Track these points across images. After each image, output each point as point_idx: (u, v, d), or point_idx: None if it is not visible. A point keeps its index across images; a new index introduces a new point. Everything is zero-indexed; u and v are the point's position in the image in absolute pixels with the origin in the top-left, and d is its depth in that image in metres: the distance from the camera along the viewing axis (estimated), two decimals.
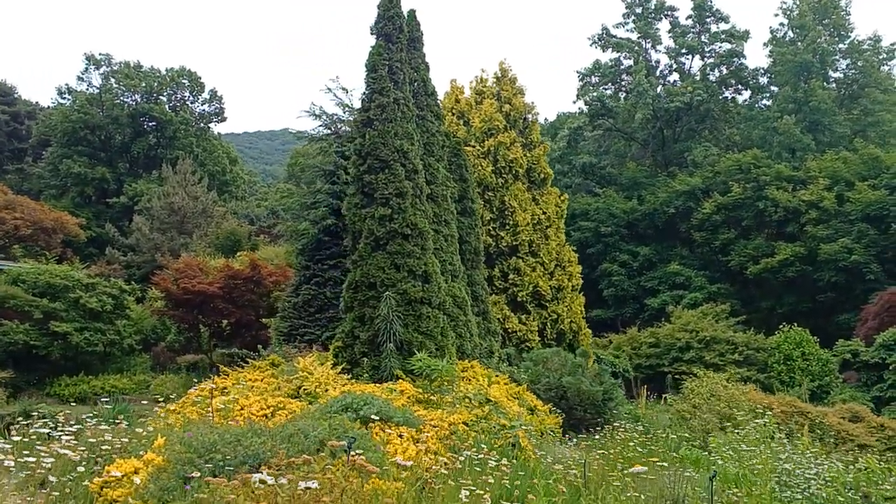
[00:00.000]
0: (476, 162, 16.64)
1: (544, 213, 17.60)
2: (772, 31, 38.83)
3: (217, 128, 56.89)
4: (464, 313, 13.76)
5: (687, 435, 13.92)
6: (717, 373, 22.11)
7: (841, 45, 37.24)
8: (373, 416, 8.21)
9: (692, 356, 28.27)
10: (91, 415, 10.84)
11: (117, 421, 11.27)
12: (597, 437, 12.32)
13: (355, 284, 13.29)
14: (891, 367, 21.21)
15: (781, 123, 34.88)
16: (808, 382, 25.90)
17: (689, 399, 15.65)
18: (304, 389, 11.65)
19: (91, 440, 7.60)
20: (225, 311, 27.09)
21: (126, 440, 7.27)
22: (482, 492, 5.85)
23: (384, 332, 12.62)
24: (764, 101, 42.29)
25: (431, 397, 10.04)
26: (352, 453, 6.26)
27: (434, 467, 6.67)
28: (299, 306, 21.16)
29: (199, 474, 5.30)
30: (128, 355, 30.65)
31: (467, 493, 5.78)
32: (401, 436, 8.11)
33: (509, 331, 16.05)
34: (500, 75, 19.29)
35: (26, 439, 7.42)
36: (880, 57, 37.54)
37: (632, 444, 10.78)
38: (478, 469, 6.97)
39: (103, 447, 7.33)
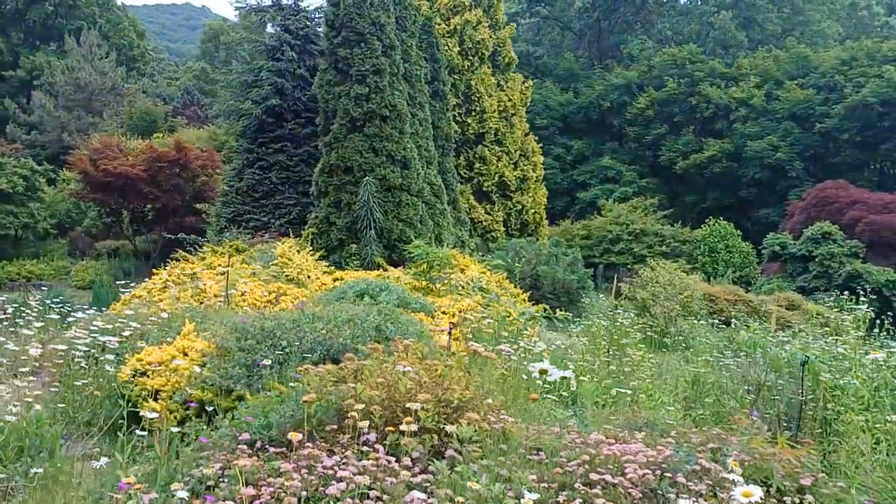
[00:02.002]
0: (442, 41, 15.75)
1: (510, 99, 17.05)
2: None
3: None
4: (440, 202, 13.33)
5: (651, 322, 14.31)
6: (641, 264, 22.90)
7: None
8: (391, 302, 7.85)
9: (622, 248, 28.99)
10: (16, 304, 9.92)
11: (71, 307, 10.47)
12: (573, 325, 12.44)
13: (330, 168, 12.58)
14: (816, 259, 22.38)
15: (717, 18, 34.96)
16: (731, 273, 27.12)
17: (648, 288, 16.03)
18: (287, 276, 11.11)
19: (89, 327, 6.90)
20: (150, 196, 25.70)
21: (136, 325, 6.60)
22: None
23: (363, 219, 12.09)
24: None
25: (430, 285, 9.74)
26: (406, 340, 5.93)
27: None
28: (243, 191, 20.16)
29: (269, 362, 4.83)
30: (42, 240, 28.89)
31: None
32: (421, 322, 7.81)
33: (475, 220, 15.77)
34: None
35: None
36: None
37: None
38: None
39: (104, 337, 6.65)
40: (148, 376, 5.50)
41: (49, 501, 3.96)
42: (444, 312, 8.47)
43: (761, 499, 2.43)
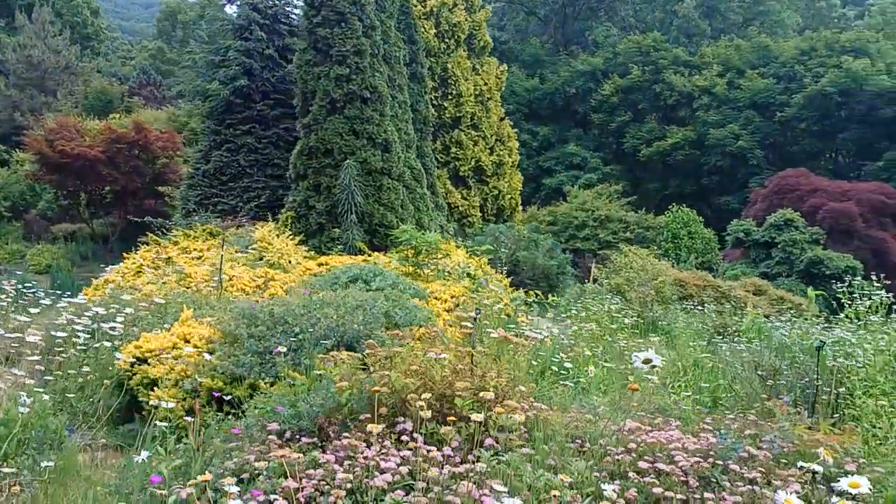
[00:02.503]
0: (419, 23, 15.52)
1: (486, 83, 16.93)
2: None
3: None
4: (420, 186, 13.18)
5: (626, 308, 14.44)
6: (607, 250, 23.19)
7: None
8: (386, 288, 7.72)
9: (587, 234, 29.21)
10: None
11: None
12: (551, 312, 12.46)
13: (308, 150, 12.32)
14: (779, 246, 22.86)
15: (682, 7, 35.30)
16: (694, 259, 27.58)
17: (622, 273, 16.17)
18: (268, 261, 10.87)
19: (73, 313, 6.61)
20: (109, 178, 25.07)
21: (130, 311, 6.33)
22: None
23: (344, 203, 11.89)
24: None
25: (418, 271, 9.61)
26: (415, 326, 5.83)
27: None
28: (210, 174, 19.68)
29: (284, 349, 4.67)
30: None
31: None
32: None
33: (451, 206, 15.64)
34: None
35: None
36: None
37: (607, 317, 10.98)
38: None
39: (105, 324, 6.38)
40: (149, 364, 5.29)
41: (64, 497, 3.77)
42: (436, 298, 8.37)
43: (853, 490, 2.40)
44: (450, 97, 16.00)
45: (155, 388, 5.00)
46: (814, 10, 39.57)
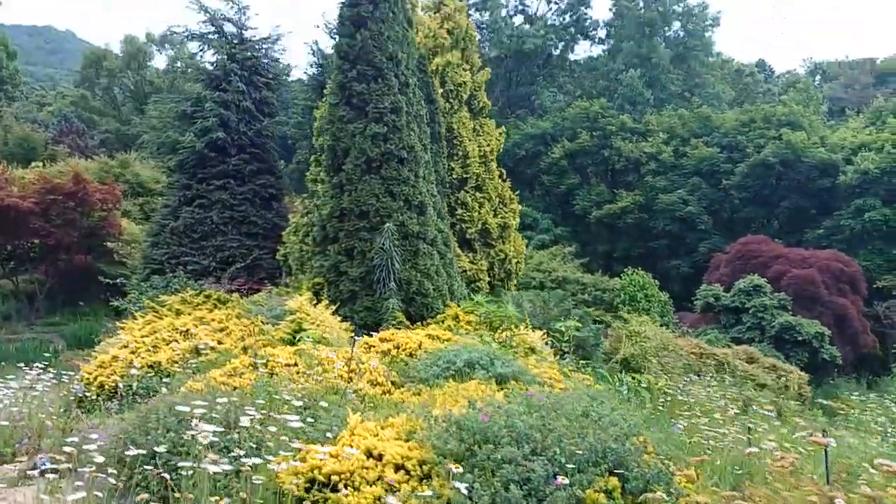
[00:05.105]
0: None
1: (488, 144, 16.41)
2: None
3: None
4: (449, 250, 12.35)
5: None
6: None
7: (676, 7, 39.50)
8: (508, 375, 6.78)
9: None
10: None
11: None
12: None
13: (341, 212, 11.30)
14: (750, 311, 23.13)
15: (626, 77, 36.36)
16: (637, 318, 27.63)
17: (636, 342, 15.69)
18: (308, 335, 9.65)
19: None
20: (42, 231, 23.06)
21: (201, 403, 5.06)
22: None
23: (382, 269, 10.88)
24: (598, 50, 43.73)
25: (507, 348, 8.70)
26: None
27: None
28: (179, 231, 18.22)
29: (566, 480, 3.68)
30: None
31: None
32: None
33: (460, 269, 14.79)
34: None
35: None
36: (706, 23, 40.44)
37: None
38: None
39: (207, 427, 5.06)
40: (337, 490, 4.15)
41: None
42: (552, 384, 7.46)
43: None
44: (456, 157, 15.36)
45: None
46: (741, 84, 41.80)
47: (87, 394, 8.93)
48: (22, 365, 13.29)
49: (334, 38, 31.81)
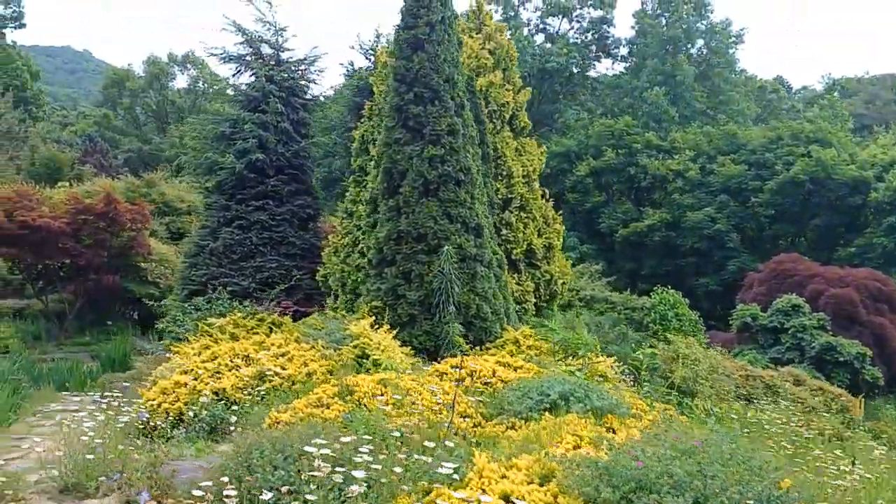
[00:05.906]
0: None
1: (530, 164, 16.28)
2: (642, 2, 40.14)
3: (13, 35, 47.73)
4: (504, 273, 12.16)
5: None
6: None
7: (700, 25, 39.46)
8: (605, 408, 6.57)
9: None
10: None
11: None
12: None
13: (398, 235, 11.15)
14: (789, 332, 22.76)
15: (651, 94, 36.24)
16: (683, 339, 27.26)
17: (687, 365, 15.41)
18: (375, 360, 9.47)
19: None
20: (73, 252, 23.09)
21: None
22: None
23: (441, 292, 10.71)
24: (619, 68, 43.68)
25: (585, 377, 8.48)
26: None
27: None
28: (219, 252, 18.11)
29: None
30: None
31: None
32: None
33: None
34: (475, 8, 17.46)
35: None
36: (729, 40, 40.35)
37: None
38: None
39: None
40: None
41: None
42: (639, 416, 7.22)
43: None
44: (500, 177, 15.21)
45: None
46: (765, 101, 41.61)
47: (151, 422, 8.73)
48: (63, 393, 13.11)
49: (369, 59, 32.07)
